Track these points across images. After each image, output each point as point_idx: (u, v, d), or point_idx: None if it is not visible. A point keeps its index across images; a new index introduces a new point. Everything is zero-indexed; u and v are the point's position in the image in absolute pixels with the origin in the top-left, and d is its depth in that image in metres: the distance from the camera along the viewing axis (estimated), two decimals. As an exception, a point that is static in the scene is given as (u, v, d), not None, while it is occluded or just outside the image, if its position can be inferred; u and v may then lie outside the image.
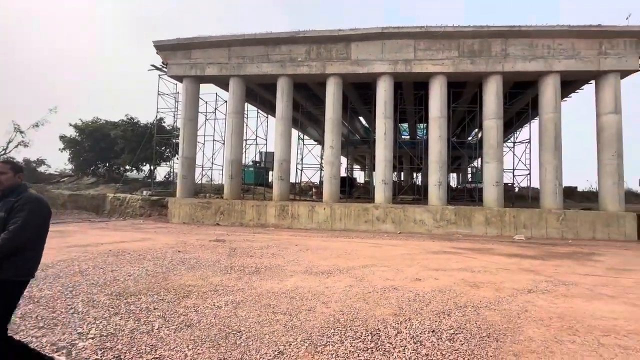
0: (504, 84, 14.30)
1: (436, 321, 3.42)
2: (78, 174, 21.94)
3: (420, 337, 3.02)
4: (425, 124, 28.38)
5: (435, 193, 14.04)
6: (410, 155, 27.16)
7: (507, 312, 3.75)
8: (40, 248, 2.28)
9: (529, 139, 16.20)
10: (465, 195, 18.44)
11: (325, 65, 14.83)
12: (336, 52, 14.87)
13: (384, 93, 14.62)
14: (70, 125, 20.69)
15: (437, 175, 14.13)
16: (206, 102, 18.01)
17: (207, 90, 18.03)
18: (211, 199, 15.52)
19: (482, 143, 14.45)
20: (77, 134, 20.65)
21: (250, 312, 3.60)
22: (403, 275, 5.53)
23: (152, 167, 21.46)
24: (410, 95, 18.96)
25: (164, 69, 16.45)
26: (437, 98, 14.25)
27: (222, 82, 16.86)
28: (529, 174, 16.10)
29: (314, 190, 21.88)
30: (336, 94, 15.05)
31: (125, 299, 3.89)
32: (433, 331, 3.15)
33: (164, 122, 20.00)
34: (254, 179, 21.12)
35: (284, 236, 10.84)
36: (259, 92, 18.25)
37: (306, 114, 19.62)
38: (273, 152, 22.39)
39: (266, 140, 19.00)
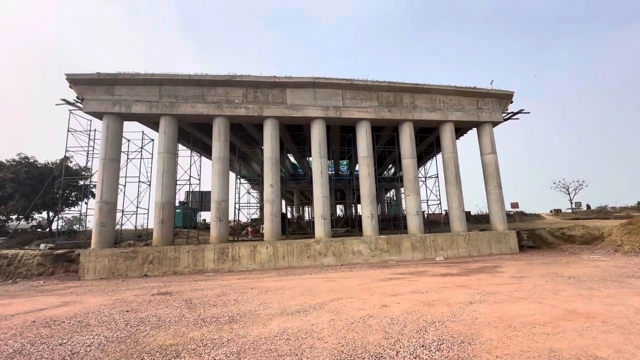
0: (413, 128, 17.26)
1: (420, 338, 4.08)
2: None
3: (416, 352, 3.62)
4: (347, 161, 31.24)
5: (369, 225, 15.48)
6: (338, 189, 29.12)
7: (465, 322, 4.67)
8: None
9: (437, 174, 19.46)
10: (391, 224, 20.61)
11: (263, 108, 15.55)
12: (272, 96, 15.81)
13: (317, 135, 15.95)
14: None
15: (369, 208, 15.69)
16: (129, 141, 16.56)
17: (131, 128, 16.64)
18: (138, 247, 13.85)
19: (397, 177, 16.81)
20: (-61, 178, 16.18)
21: (258, 358, 3.67)
22: (370, 304, 6.14)
23: (53, 215, 18.01)
24: (337, 136, 20.97)
25: (79, 104, 14.75)
26: (364, 140, 16.23)
27: (150, 120, 15.91)
28: (440, 203, 19.15)
29: (248, 229, 21.38)
30: (273, 135, 15.75)
31: (107, 371, 3.49)
32: (423, 346, 3.79)
33: (71, 162, 17.35)
34: (182, 222, 19.65)
35: (231, 281, 10.43)
36: (192, 132, 17.73)
37: (240, 153, 19.68)
38: (201, 192, 21.44)
39: (199, 180, 18.18)
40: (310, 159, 17.48)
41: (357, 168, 26.80)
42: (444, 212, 24.10)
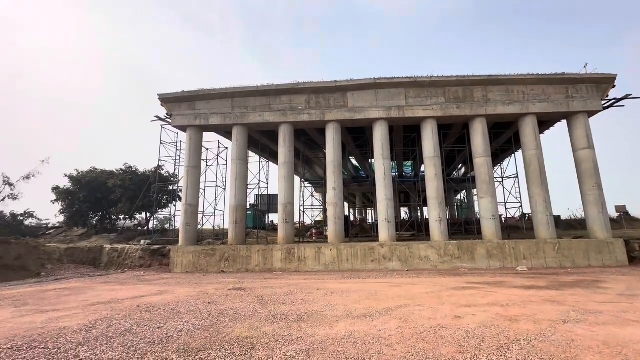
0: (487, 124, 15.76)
1: (501, 356, 3.70)
2: (68, 225, 21.14)
3: (497, 371, 3.29)
4: (411, 162, 29.95)
5: (437, 229, 14.59)
6: (402, 192, 28.12)
7: (557, 343, 4.09)
8: None
9: (517, 173, 17.44)
10: (462, 228, 19.11)
11: (325, 113, 15.89)
12: (334, 100, 16.05)
13: (380, 136, 15.67)
14: (65, 175, 20.40)
15: (437, 211, 14.80)
16: (207, 150, 18.46)
17: (208, 139, 18.57)
18: (215, 246, 15.34)
19: (468, 178, 15.45)
20: (72, 185, 20.29)
21: (326, 359, 3.75)
22: (441, 313, 5.78)
23: (150, 216, 21.08)
24: (400, 137, 20.28)
25: (168, 120, 17.02)
26: (430, 139, 15.40)
27: (224, 130, 17.55)
28: (521, 206, 17.10)
29: (312, 231, 21.98)
30: (335, 138, 15.96)
31: (196, 355, 3.94)
32: (505, 365, 3.43)
33: (162, 170, 20.10)
34: (252, 223, 21.11)
35: (298, 280, 10.84)
36: (261, 140, 19.00)
37: (304, 158, 20.39)
38: (269, 195, 22.74)
39: (267, 184, 19.39)
40: (373, 161, 17.26)
41: (422, 169, 25.60)
42: (526, 216, 21.46)
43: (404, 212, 44.88)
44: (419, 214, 31.49)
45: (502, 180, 18.14)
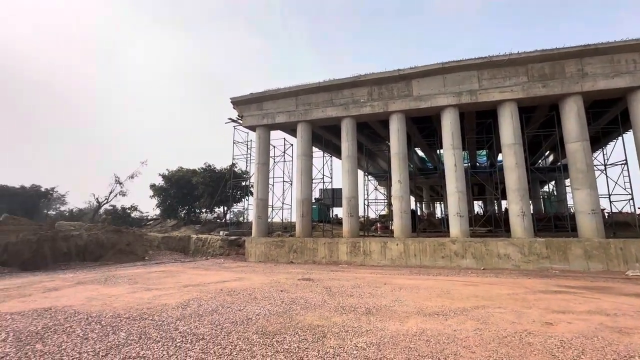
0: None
1: (608, 371, 3.18)
2: (164, 217, 24.61)
3: (603, 388, 2.84)
4: (486, 151, 27.23)
5: (519, 224, 13.09)
6: (475, 183, 25.83)
7: (689, 364, 3.34)
8: None
9: (625, 160, 14.59)
10: (552, 224, 16.79)
11: (388, 104, 15.42)
12: (397, 90, 15.45)
13: (449, 125, 14.60)
14: (159, 175, 23.78)
15: (518, 204, 13.25)
16: (274, 147, 19.51)
17: (275, 137, 19.61)
18: (284, 238, 16.22)
19: (558, 167, 13.38)
20: (164, 182, 23.53)
21: (397, 354, 3.70)
22: (527, 318, 5.20)
23: (226, 209, 23.27)
24: (473, 124, 18.59)
25: (239, 121, 18.44)
26: (508, 125, 13.80)
27: (289, 127, 18.32)
28: (631, 198, 14.29)
29: (377, 225, 21.68)
30: (400, 129, 15.39)
31: (273, 338, 4.26)
32: (614, 383, 2.94)
33: (236, 167, 21.97)
34: (317, 216, 21.71)
35: (364, 274, 10.83)
36: (324, 135, 19.35)
37: (367, 151, 20.14)
38: (333, 189, 23.06)
39: (331, 178, 19.73)
40: (441, 151, 16.19)
41: (499, 158, 23.20)
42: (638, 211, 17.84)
43: (477, 206, 41.22)
44: (496, 208, 28.57)
45: (605, 168, 15.34)
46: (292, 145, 19.89)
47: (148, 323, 5.00)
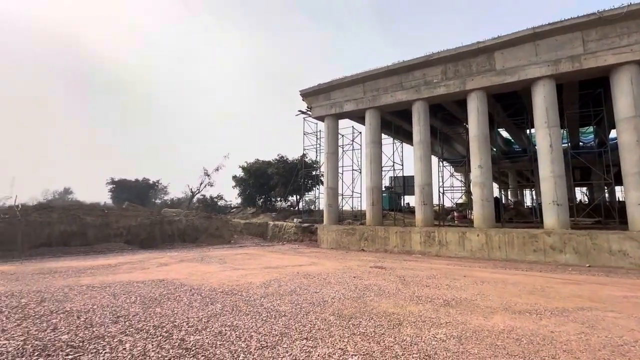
0: None
1: None
2: (244, 205, 27.13)
3: None
4: (593, 127, 22.80)
5: (640, 214, 10.77)
6: (577, 167, 22.16)
7: None
8: None
9: None
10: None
11: (465, 82, 14.06)
12: (476, 65, 13.95)
13: (543, 100, 12.64)
14: (239, 167, 26.17)
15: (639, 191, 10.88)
16: (343, 136, 19.61)
17: (343, 125, 19.68)
18: (355, 226, 16.36)
19: None
20: (244, 174, 25.83)
21: (481, 350, 3.48)
22: (652, 325, 4.32)
23: (299, 198, 24.48)
24: (573, 96, 15.74)
25: (309, 112, 18.99)
26: (628, 93, 11.31)
27: (357, 115, 18.17)
28: None
29: (454, 213, 20.25)
30: (480, 109, 13.93)
31: (349, 321, 4.41)
32: None
33: (307, 157, 22.82)
34: (388, 205, 21.26)
35: (439, 265, 10.30)
36: (393, 121, 18.71)
37: (441, 135, 18.80)
38: (404, 177, 22.23)
39: (402, 165, 19.08)
40: (532, 131, 14.18)
41: (612, 135, 19.38)
42: None
43: (581, 193, 35.19)
44: (607, 195, 23.95)
45: None
46: (360, 133, 19.74)
47: (238, 298, 5.65)
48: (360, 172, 18.89)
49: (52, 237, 12.68)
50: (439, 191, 16.09)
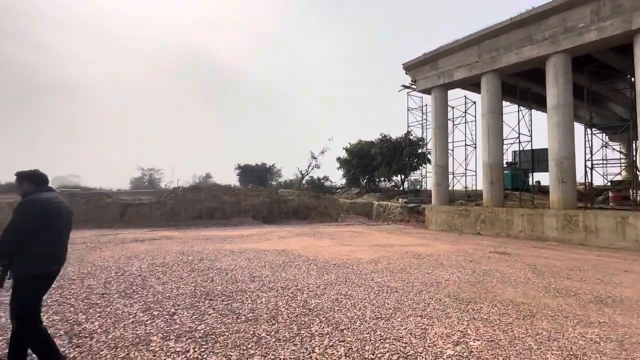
0: None
1: None
2: (349, 186, 28.02)
3: None
4: None
5: None
6: None
7: None
8: (49, 245, 2.37)
9: None
10: None
11: (631, 18, 10.60)
12: (651, -7, 10.27)
13: None
14: (343, 148, 26.96)
15: None
16: (453, 108, 17.74)
17: (453, 96, 17.72)
18: (469, 207, 14.87)
19: None
20: (347, 155, 26.51)
21: (657, 361, 2.74)
22: None
23: (403, 177, 23.74)
24: None
25: (413, 86, 17.84)
26: None
27: (470, 83, 16.07)
28: None
29: (610, 194, 16.02)
30: (656, 53, 10.32)
31: (467, 305, 4.13)
32: None
33: (411, 135, 21.68)
34: (510, 183, 18.41)
35: (585, 255, 8.41)
36: (518, 84, 15.80)
37: (589, 95, 14.79)
38: (533, 150, 18.65)
39: (530, 137, 16.11)
40: None
41: None
42: None
43: None
44: None
45: None
46: (474, 103, 17.45)
47: (349, 271, 5.98)
48: (475, 147, 16.83)
49: (202, 211, 16.00)
50: (585, 166, 12.87)
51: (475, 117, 17.34)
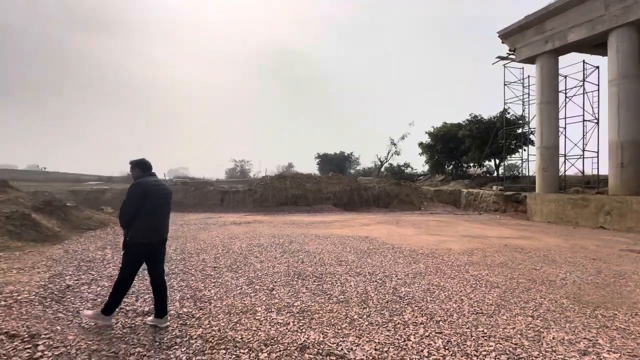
0: None
1: None
2: (432, 172, 26.29)
3: None
4: None
5: None
6: None
7: None
8: (151, 220, 2.94)
9: None
10: None
11: None
12: None
13: None
14: (426, 132, 25.29)
15: None
16: (565, 77, 14.83)
17: (563, 64, 14.77)
18: (588, 195, 12.40)
19: None
20: (431, 140, 24.78)
21: None
22: None
23: (498, 162, 21.14)
24: None
25: (511, 56, 15.50)
26: None
27: (589, 44, 13.15)
28: None
29: None
30: None
31: (594, 310, 3.47)
32: None
33: (509, 113, 18.94)
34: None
35: None
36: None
37: None
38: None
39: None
40: None
41: None
42: None
43: None
44: None
45: None
46: (596, 68, 14.26)
47: (439, 261, 5.64)
48: (597, 123, 13.84)
49: (287, 198, 17.12)
50: None
51: (598, 85, 14.19)
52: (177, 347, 2.56)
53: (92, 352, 2.44)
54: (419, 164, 34.14)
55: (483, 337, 2.82)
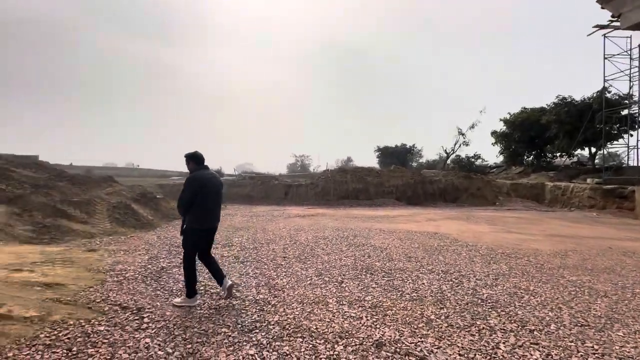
0: None
1: None
2: (507, 164, 23.67)
3: None
4: None
5: None
6: None
7: None
8: (205, 209, 3.24)
9: None
10: None
11: None
12: None
13: None
14: (500, 120, 22.77)
15: None
16: (694, 42, 11.86)
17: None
18: None
19: None
20: (506, 128, 22.25)
21: None
22: None
23: (595, 150, 18.09)
24: None
25: (615, 23, 12.99)
26: None
27: None
28: None
29: None
30: None
31: None
32: None
33: (609, 92, 15.95)
34: None
35: None
36: None
37: None
38: None
39: None
40: None
41: None
42: None
43: None
44: None
45: None
46: None
47: (525, 262, 5.02)
48: None
49: (348, 192, 17.07)
50: None
51: None
52: (257, 331, 2.70)
53: (186, 328, 2.71)
54: (491, 155, 31.03)
55: (594, 354, 2.40)
